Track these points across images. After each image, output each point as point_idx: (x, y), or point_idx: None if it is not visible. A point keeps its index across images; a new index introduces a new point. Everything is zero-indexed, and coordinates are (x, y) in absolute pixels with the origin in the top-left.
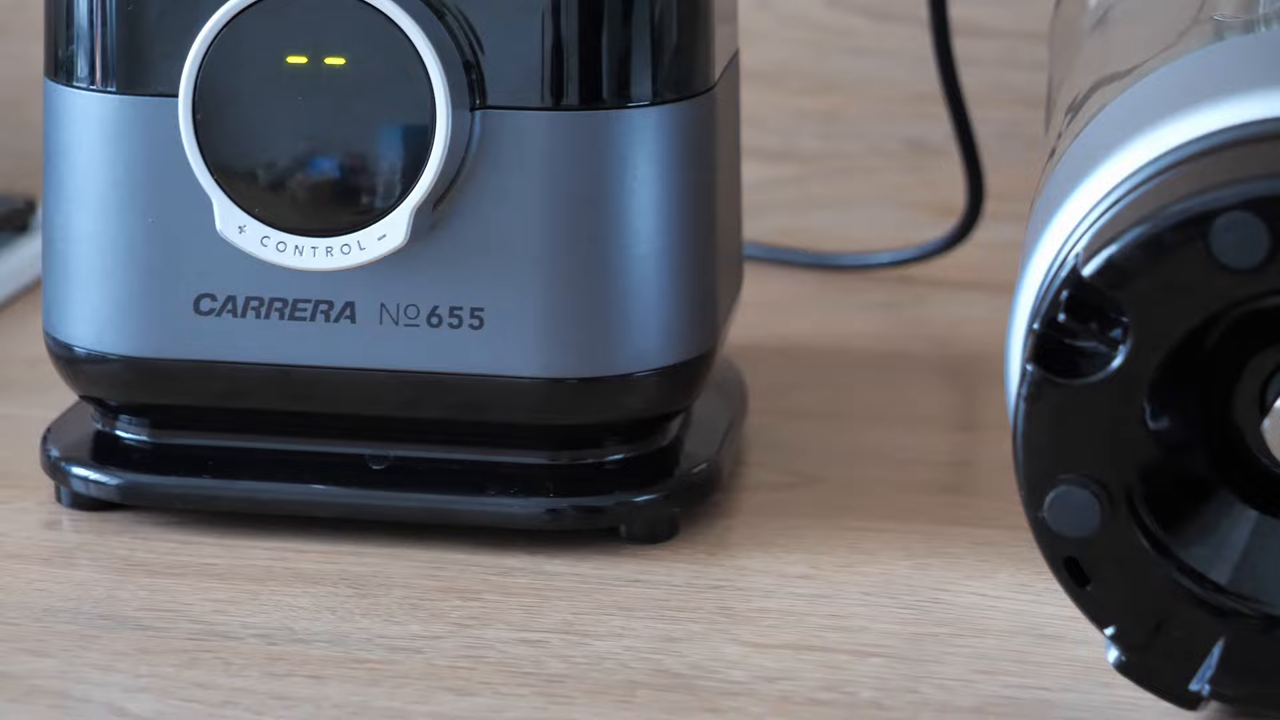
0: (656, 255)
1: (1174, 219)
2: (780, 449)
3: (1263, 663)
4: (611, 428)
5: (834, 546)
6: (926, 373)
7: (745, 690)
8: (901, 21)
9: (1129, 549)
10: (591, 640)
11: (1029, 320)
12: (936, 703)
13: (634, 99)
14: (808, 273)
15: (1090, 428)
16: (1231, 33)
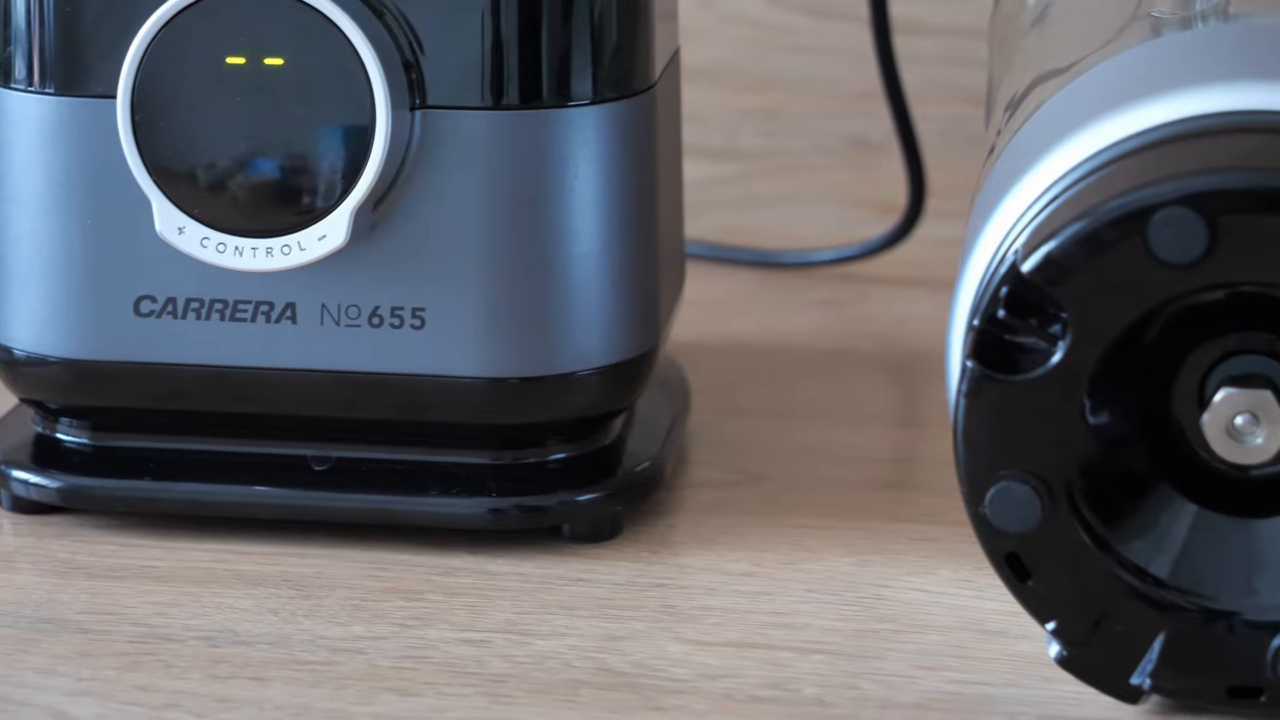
0: (597, 254)
1: (1112, 215)
2: (723, 447)
3: (1202, 656)
4: (554, 427)
5: (777, 544)
6: (869, 370)
7: (688, 688)
8: (842, 19)
9: (1069, 544)
10: (535, 640)
11: (969, 317)
12: (879, 699)
13: (574, 98)
14: (750, 271)
15: (1030, 423)
16: (1169, 29)
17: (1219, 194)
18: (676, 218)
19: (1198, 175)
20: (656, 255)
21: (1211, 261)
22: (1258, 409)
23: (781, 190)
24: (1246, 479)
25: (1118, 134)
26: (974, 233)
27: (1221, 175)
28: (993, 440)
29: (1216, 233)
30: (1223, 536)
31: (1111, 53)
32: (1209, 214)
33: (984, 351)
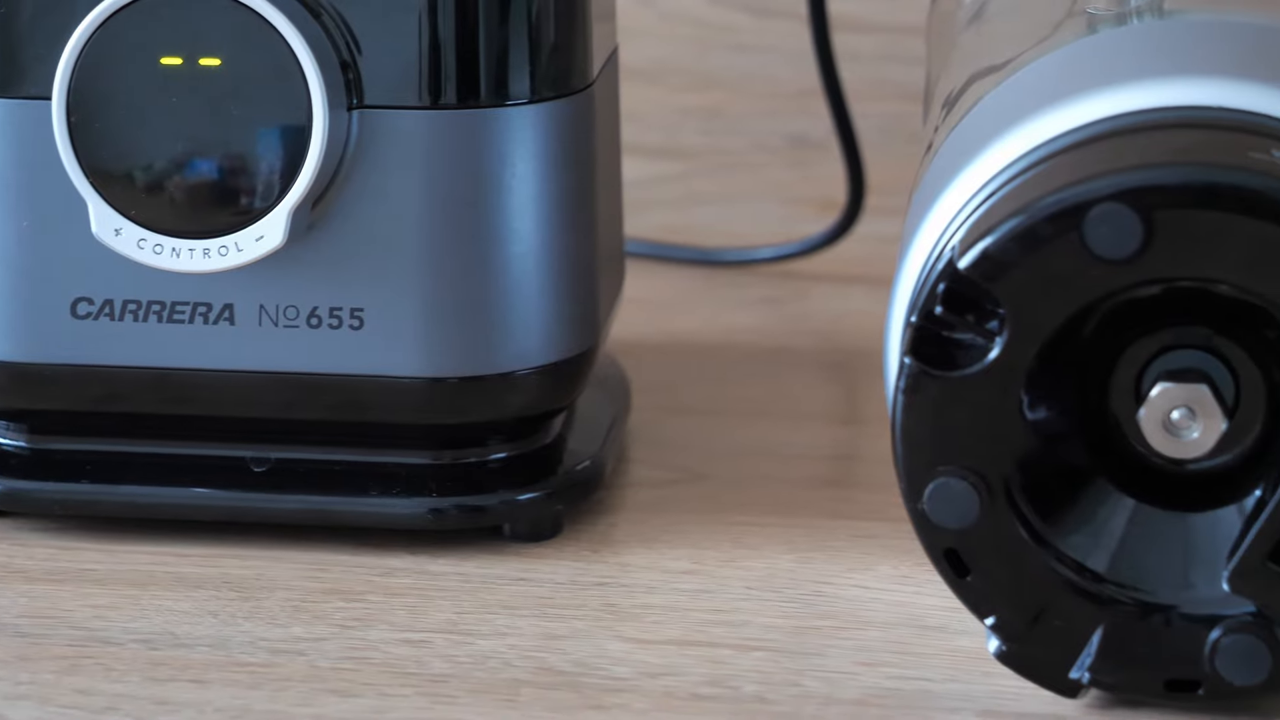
0: (536, 253)
1: (1048, 211)
2: (664, 445)
3: (1141, 650)
4: (494, 426)
5: (718, 542)
6: (810, 367)
7: (629, 686)
8: (782, 17)
9: (1008, 539)
10: (475, 639)
11: (906, 313)
12: (820, 696)
13: (512, 97)
14: (691, 269)
15: (968, 419)
16: (1104, 25)
17: (1154, 189)
18: (616, 216)
19: (1133, 171)
20: (595, 254)
21: (1147, 257)
22: (1194, 403)
23: (722, 188)
24: (1183, 473)
25: (1053, 130)
26: (911, 229)
27: (1157, 171)
28: (931, 436)
29: (1152, 228)
30: (1160, 530)
31: (1047, 49)
32: (1144, 209)
33: (921, 348)
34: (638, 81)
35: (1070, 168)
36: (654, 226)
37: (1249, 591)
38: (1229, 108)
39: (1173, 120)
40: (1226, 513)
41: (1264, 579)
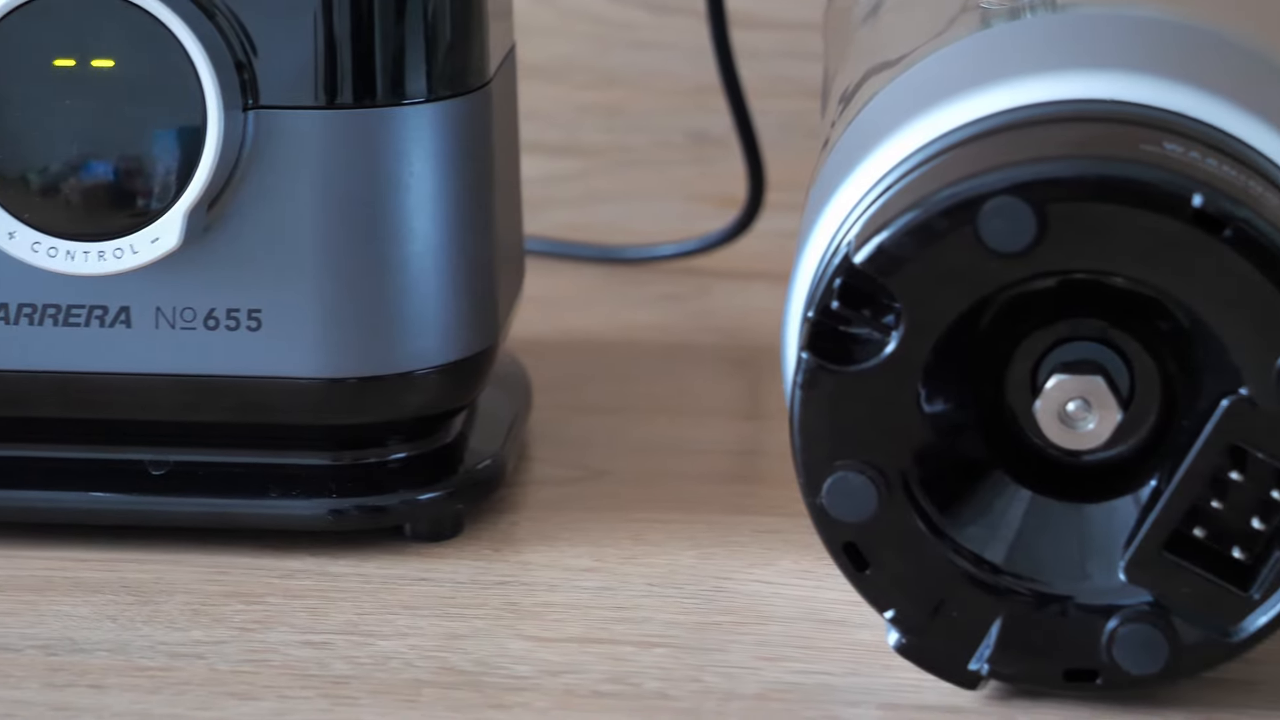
0: (434, 252)
1: (942, 205)
2: (566, 443)
3: (1039, 640)
4: (394, 426)
5: (619, 539)
6: (712, 363)
7: (530, 685)
8: (681, 14)
9: (906, 532)
10: (376, 640)
11: (804, 309)
12: (721, 691)
13: (408, 96)
14: (592, 266)
15: (865, 413)
16: (998, 20)
17: (1047, 183)
18: (515, 214)
19: (1026, 164)
20: (494, 252)
21: (1041, 250)
22: (1089, 395)
23: (622, 185)
24: (1079, 464)
25: (948, 124)
26: (808, 225)
27: (1050, 164)
28: (829, 431)
29: (1046, 221)
30: (1056, 522)
31: (942, 44)
32: (1038, 203)
33: (818, 343)
34: (537, 79)
35: (964, 162)
36: (555, 224)
37: (1145, 581)
38: (1122, 101)
39: (1066, 114)
40: (1122, 503)
41: (1160, 568)
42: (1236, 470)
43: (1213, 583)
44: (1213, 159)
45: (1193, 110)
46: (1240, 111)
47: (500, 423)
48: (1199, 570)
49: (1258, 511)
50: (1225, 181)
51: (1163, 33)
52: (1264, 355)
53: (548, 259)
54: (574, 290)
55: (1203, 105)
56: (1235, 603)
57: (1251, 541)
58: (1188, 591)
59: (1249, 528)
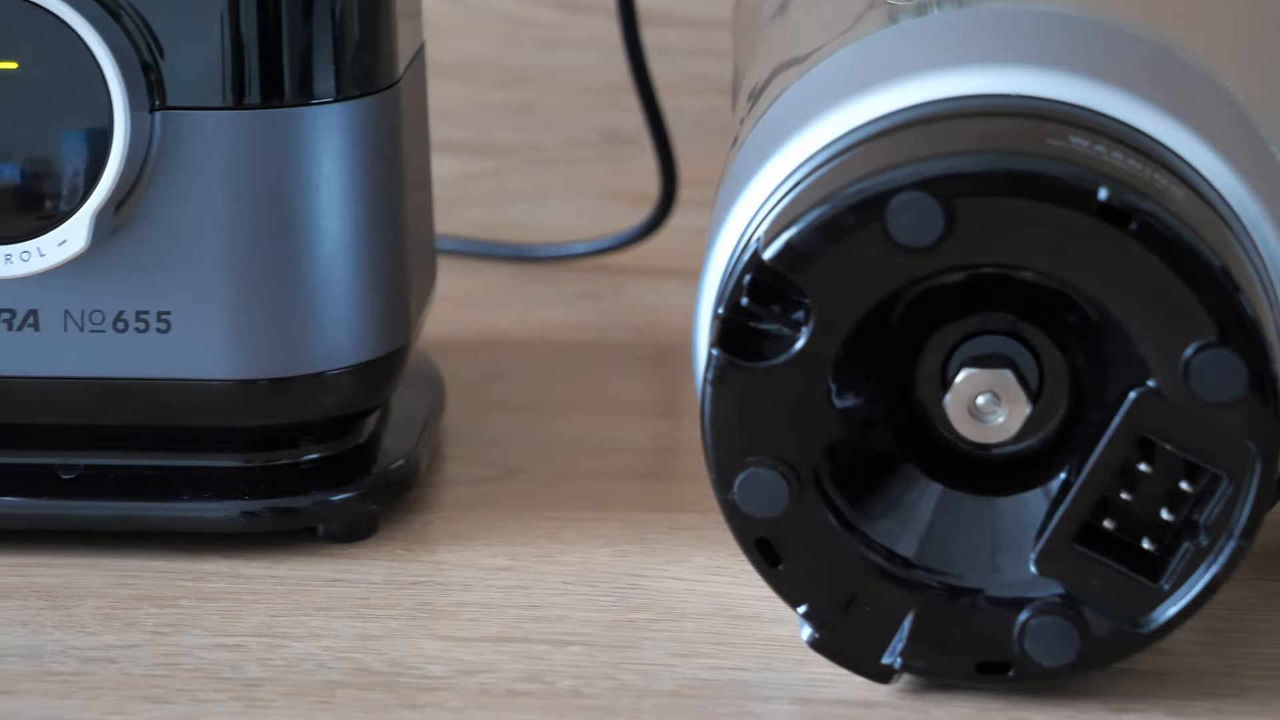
0: (344, 252)
1: (850, 200)
2: (480, 442)
3: (951, 634)
4: (306, 427)
5: (534, 538)
6: (626, 361)
7: (444, 685)
8: (591, 12)
9: (818, 527)
10: (290, 642)
11: (714, 305)
12: (635, 688)
13: (316, 96)
14: (505, 265)
15: (776, 409)
16: (905, 16)
17: (954, 177)
18: (426, 214)
19: (933, 160)
20: (405, 252)
21: (949, 244)
22: (998, 388)
23: (535, 184)
24: (989, 458)
25: (856, 120)
26: (718, 222)
27: (957, 159)
28: (740, 427)
29: (953, 216)
30: (967, 515)
31: (849, 40)
32: (945, 197)
33: (728, 339)
34: (448, 78)
35: (872, 157)
36: (467, 223)
37: (1056, 573)
38: (1028, 95)
39: (973, 109)
40: (1032, 496)
41: (1070, 560)
42: (1145, 462)
43: (1123, 574)
44: (1118, 153)
45: (1098, 104)
46: (1145, 105)
47: (414, 422)
48: (1109, 562)
49: (1166, 503)
50: (1131, 175)
51: (1068, 27)
52: (1170, 347)
53: (460, 258)
54: (487, 289)
55: (1108, 99)
56: (1145, 594)
57: (1161, 533)
58: (1098, 583)
59: (1158, 519)
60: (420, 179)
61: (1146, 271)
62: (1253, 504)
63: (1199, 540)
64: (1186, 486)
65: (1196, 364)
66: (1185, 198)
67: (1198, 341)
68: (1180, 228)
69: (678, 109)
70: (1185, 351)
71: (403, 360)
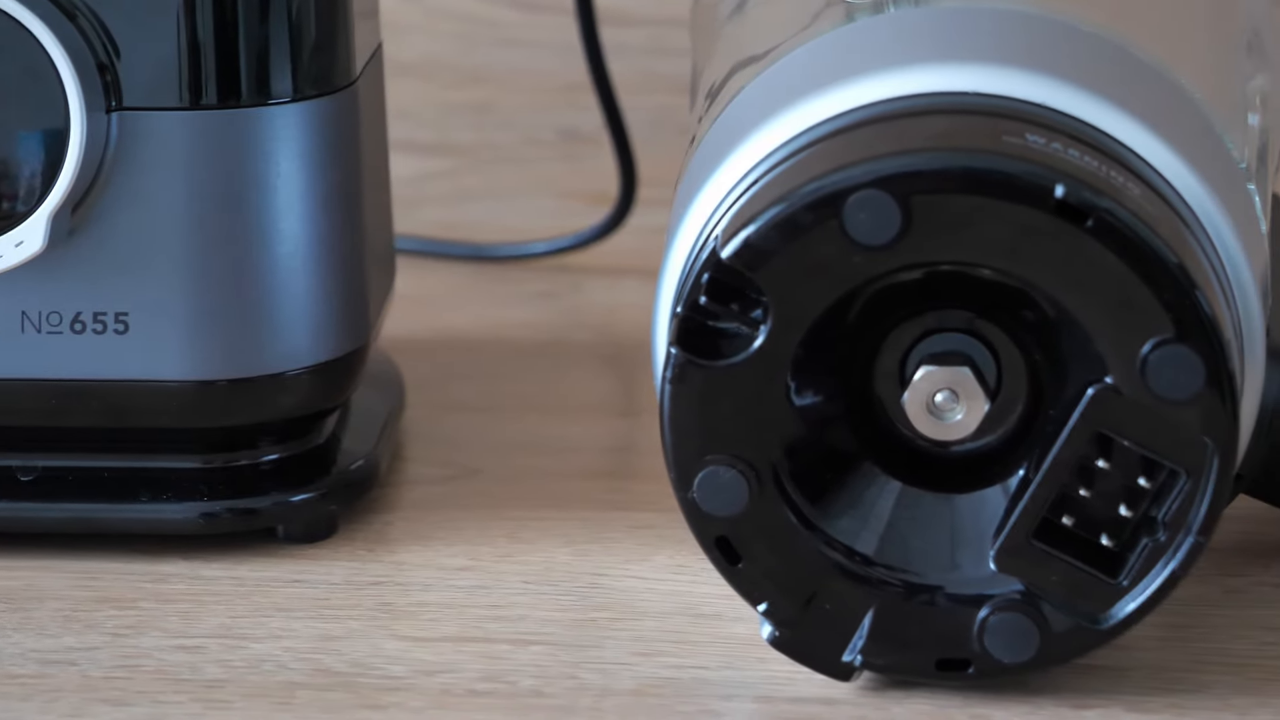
0: (303, 253)
1: (807, 199)
2: (439, 442)
3: (911, 631)
4: (265, 428)
5: (493, 537)
6: (585, 360)
7: (405, 685)
8: (549, 12)
9: (778, 525)
10: (250, 643)
11: (672, 304)
12: (596, 687)
13: (274, 96)
14: (464, 265)
15: (735, 407)
16: (862, 14)
17: (911, 175)
18: (385, 213)
19: (890, 158)
20: (364, 252)
21: (906, 242)
22: (956, 386)
23: (493, 183)
24: (948, 455)
25: (813, 118)
26: (676, 220)
27: (914, 157)
28: (699, 425)
29: (910, 214)
30: (926, 512)
31: (807, 38)
32: (902, 195)
33: (687, 338)
34: (406, 78)
35: (829, 156)
36: (426, 223)
37: (1015, 570)
38: (984, 93)
39: (929, 107)
40: (991, 493)
41: (1029, 557)
42: (1103, 459)
43: (1082, 570)
44: (1075, 150)
45: (1054, 101)
46: (1101, 102)
47: (373, 423)
48: (1068, 558)
49: (1125, 499)
50: (1087, 172)
51: (1024, 25)
52: (1127, 344)
53: (419, 258)
54: (446, 289)
55: (1064, 96)
56: (1104, 590)
57: (1119, 529)
58: (1057, 580)
59: (1117, 515)
60: (378, 179)
61: (1103, 268)
62: (1210, 500)
63: (1157, 536)
64: (1145, 483)
65: (1154, 360)
66: (1141, 194)
67: (1155, 338)
68: (1136, 224)
69: (636, 108)
70: (1142, 348)
71: (362, 360)
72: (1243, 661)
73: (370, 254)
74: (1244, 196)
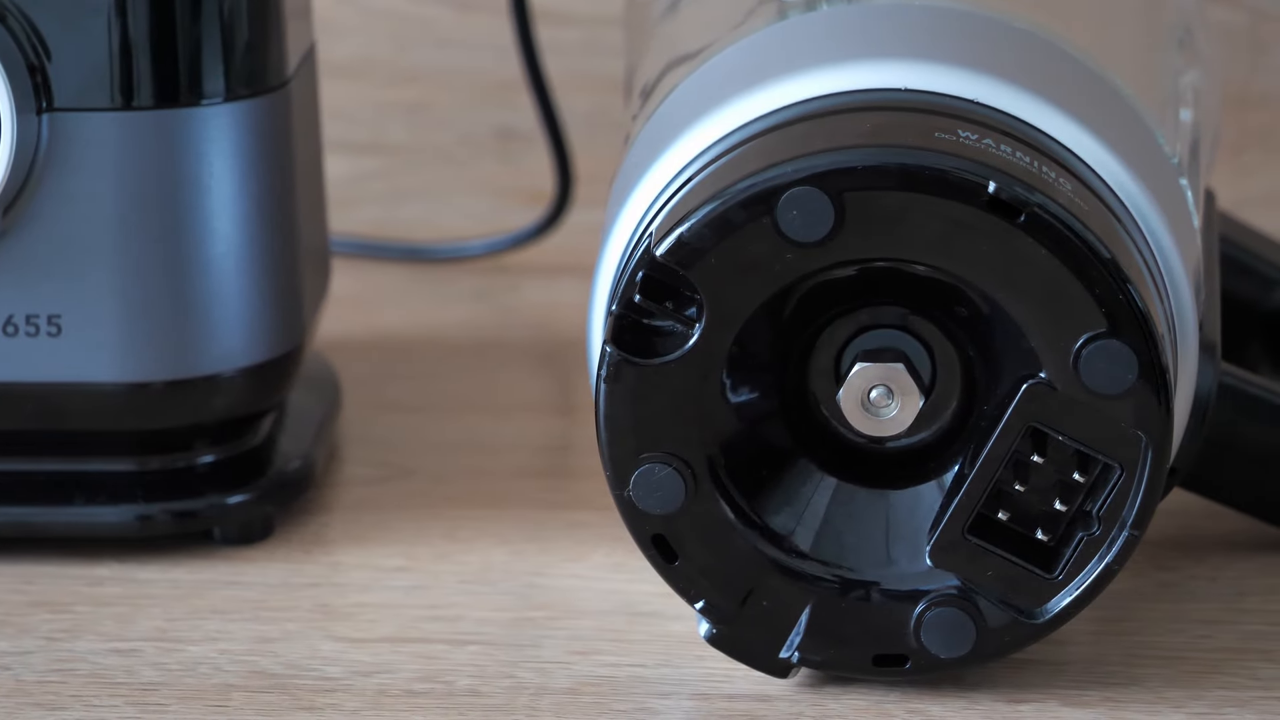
0: (236, 253)
1: (740, 196)
2: (376, 442)
3: (848, 627)
4: (200, 429)
5: (430, 537)
6: (521, 359)
7: (341, 686)
8: (483, 11)
9: (714, 522)
10: (185, 646)
11: (607, 302)
12: (533, 686)
13: (206, 97)
14: (400, 265)
15: (670, 405)
16: (795, 11)
17: (843, 172)
18: (320, 214)
19: (823, 154)
20: (298, 252)
21: (839, 239)
22: (891, 382)
23: (428, 183)
24: (883, 451)
25: (746, 116)
26: (611, 218)
27: (846, 154)
28: (634, 424)
29: (843, 211)
30: (862, 508)
31: (740, 36)
32: (835, 192)
33: (622, 336)
34: (340, 78)
35: (762, 153)
36: (361, 223)
37: (950, 564)
38: (917, 90)
39: (862, 103)
40: (927, 489)
41: (964, 552)
42: (1037, 453)
43: (1017, 565)
44: (1007, 145)
45: (987, 98)
46: (1033, 99)
47: (309, 423)
48: (1003, 553)
49: (1059, 494)
50: (1019, 168)
51: (957, 22)
52: (1060, 339)
53: (354, 258)
54: (381, 289)
55: (996, 93)
56: (1039, 585)
57: (1054, 523)
58: (992, 575)
59: (1051, 510)
60: (313, 179)
61: (1035, 264)
62: (1144, 494)
63: (1092, 531)
64: (1079, 477)
65: (1087, 355)
66: (1074, 190)
67: (1087, 333)
68: (1069, 220)
69: (572, 107)
70: (1075, 343)
71: (297, 361)
72: (1176, 654)
73: (305, 254)
74: (1176, 191)
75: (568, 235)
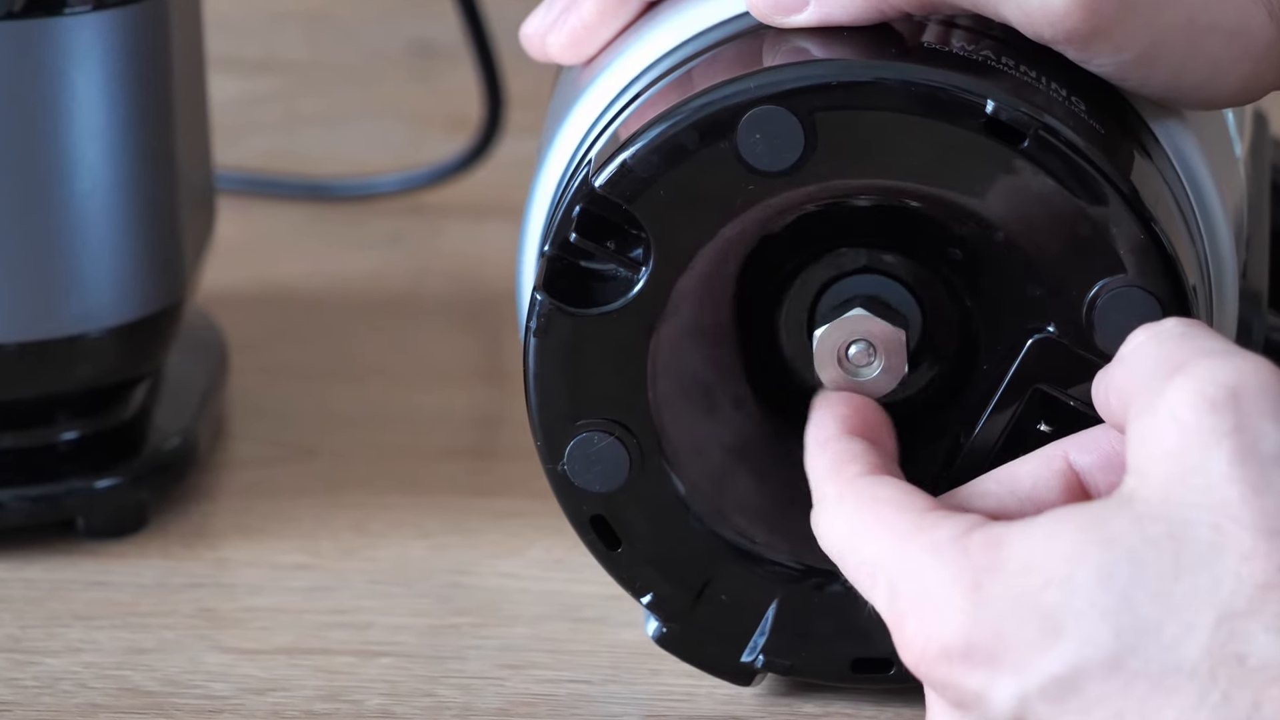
0: (104, 192)
1: (694, 117)
2: (269, 416)
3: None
4: (62, 400)
5: (335, 530)
6: (443, 316)
7: (229, 706)
8: None
9: (664, 501)
10: (43, 658)
11: (540, 243)
12: (457, 705)
13: (68, 5)
14: (297, 204)
15: (610, 363)
16: None
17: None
18: (203, 145)
19: (790, 68)
20: (177, 189)
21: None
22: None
23: (332, 107)
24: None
25: (703, 23)
26: (545, 145)
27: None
28: (569, 385)
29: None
30: None
31: None
32: (804, 113)
33: (555, 281)
34: None
35: (720, 67)
36: (252, 154)
37: None
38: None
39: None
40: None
41: None
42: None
43: None
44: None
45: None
46: None
47: (190, 395)
48: None
49: None
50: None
51: None
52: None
53: (244, 196)
54: (275, 233)
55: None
56: None
57: None
58: None
59: None
60: (195, 103)
61: (1042, 197)
62: None
63: None
64: None
65: (1102, 305)
66: (1087, 110)
67: (1103, 279)
68: (1080, 144)
69: (502, 17)
70: (1089, 291)
71: (176, 319)
72: None
73: (185, 192)
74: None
75: (496, 169)
